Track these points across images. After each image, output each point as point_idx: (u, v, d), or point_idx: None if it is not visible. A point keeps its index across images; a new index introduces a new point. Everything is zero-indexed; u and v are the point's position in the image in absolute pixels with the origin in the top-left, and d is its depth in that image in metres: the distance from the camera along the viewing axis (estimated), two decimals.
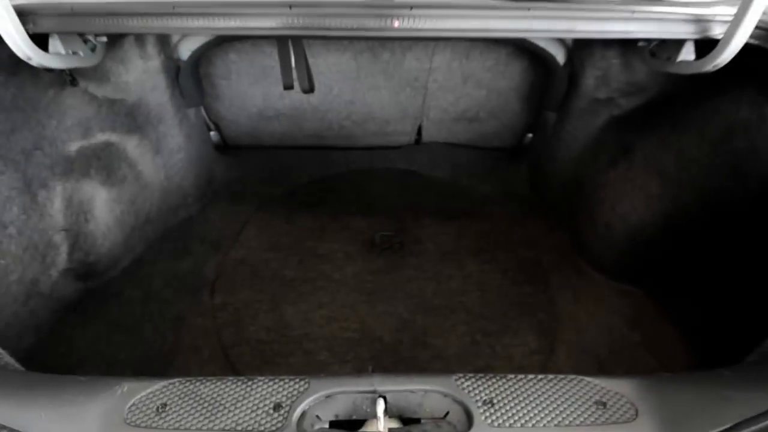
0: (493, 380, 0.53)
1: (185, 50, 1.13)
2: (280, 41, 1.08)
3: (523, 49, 1.20)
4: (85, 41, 0.89)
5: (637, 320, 1.04)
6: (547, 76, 1.23)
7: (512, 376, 0.53)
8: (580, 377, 0.54)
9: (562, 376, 0.54)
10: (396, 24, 0.76)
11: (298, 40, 1.06)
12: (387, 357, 0.97)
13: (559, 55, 1.14)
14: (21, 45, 0.75)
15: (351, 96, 1.35)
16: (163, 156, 1.19)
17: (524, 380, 0.53)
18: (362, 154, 1.52)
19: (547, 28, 0.80)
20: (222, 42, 1.12)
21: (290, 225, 1.26)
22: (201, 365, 0.95)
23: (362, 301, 1.08)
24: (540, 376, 0.54)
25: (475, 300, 1.08)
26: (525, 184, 1.43)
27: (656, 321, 1.03)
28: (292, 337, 1.01)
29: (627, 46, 1.04)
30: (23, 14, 0.75)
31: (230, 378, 0.54)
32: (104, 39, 0.93)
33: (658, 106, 1.09)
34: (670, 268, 1.06)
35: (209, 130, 1.45)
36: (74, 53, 0.87)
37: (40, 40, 0.80)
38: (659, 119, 1.06)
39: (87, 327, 1.00)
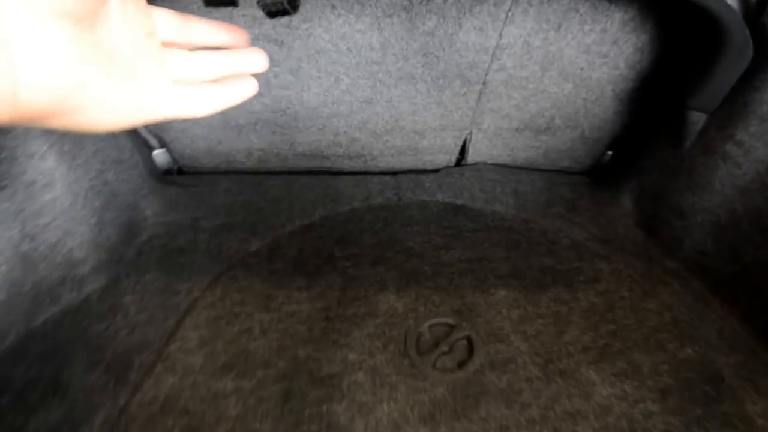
0: None
1: None
2: None
3: (657, 6, 0.74)
4: None
5: None
6: (702, 52, 0.77)
7: None
8: None
9: None
10: None
11: None
12: None
13: (735, 13, 0.68)
14: None
15: (369, 92, 0.87)
16: (16, 198, 0.67)
17: None
18: (383, 182, 1.02)
19: None
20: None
21: (270, 312, 0.75)
22: None
23: None
24: None
25: None
26: (630, 224, 0.96)
27: None
28: None
29: None
30: None
31: None
32: None
33: None
34: None
35: (148, 148, 0.95)
36: None
37: None
38: None
39: None
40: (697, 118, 0.82)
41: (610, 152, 1.06)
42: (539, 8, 0.75)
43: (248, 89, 0.36)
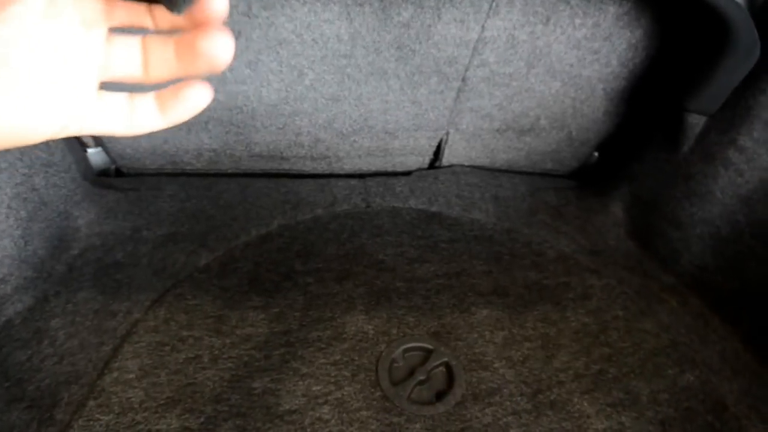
0: None
1: None
2: None
3: (651, 1, 0.69)
4: None
5: None
6: (703, 50, 0.71)
7: None
8: None
9: None
10: None
11: None
12: None
13: (740, 8, 0.63)
14: None
15: (336, 89, 0.79)
16: None
17: None
18: (350, 186, 0.95)
19: None
20: None
21: (222, 336, 0.67)
22: None
23: None
24: None
25: None
26: (621, 234, 0.90)
27: None
28: None
29: None
30: None
31: None
32: None
33: None
34: None
35: (82, 147, 0.86)
36: None
37: None
38: None
39: None
40: (696, 121, 0.77)
41: (596, 154, 1.00)
42: (526, 1, 0.68)
43: (199, 100, 0.28)
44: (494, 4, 0.69)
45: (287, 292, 0.72)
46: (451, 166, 1.00)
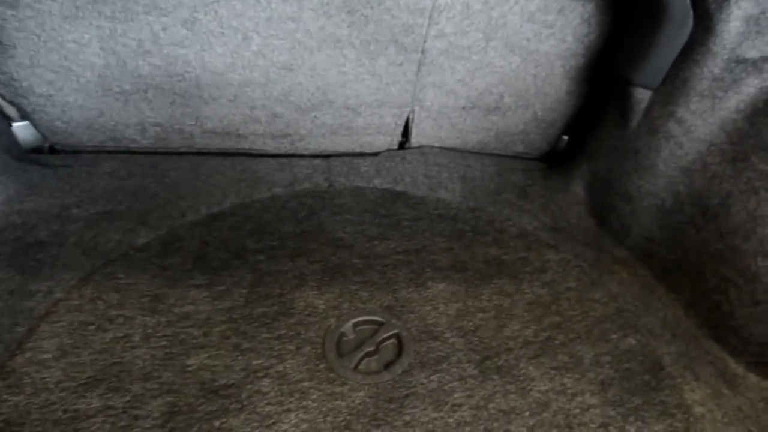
0: None
1: None
2: None
3: None
4: None
5: None
6: (643, 23, 0.76)
7: None
8: None
9: None
10: None
11: None
12: None
13: None
14: None
15: (288, 56, 0.79)
16: None
17: None
18: (313, 166, 0.94)
19: None
20: None
21: (157, 315, 0.64)
22: None
23: None
24: None
25: None
26: (582, 211, 0.94)
27: None
28: None
29: None
30: None
31: None
32: None
33: None
34: None
35: (6, 120, 0.81)
36: None
37: None
38: None
39: None
40: (642, 96, 0.81)
41: (565, 138, 1.04)
42: None
43: None
44: None
45: (235, 270, 0.70)
46: (420, 147, 1.02)
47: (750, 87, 0.70)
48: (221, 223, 0.79)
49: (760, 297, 0.65)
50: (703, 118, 0.74)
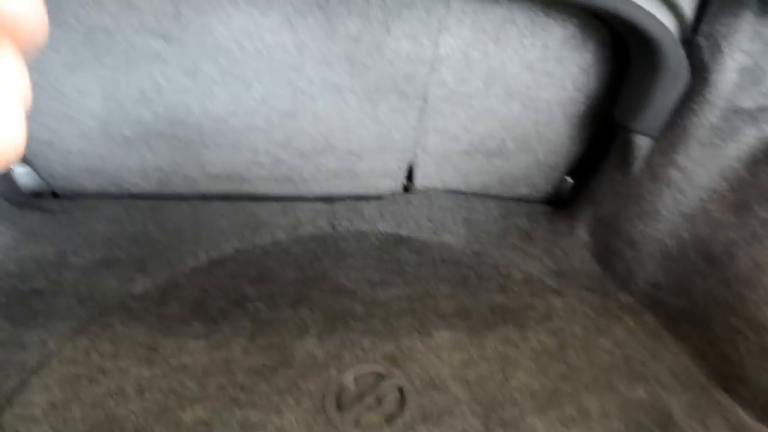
0: None
1: None
2: None
3: (595, 25, 0.76)
4: None
5: None
6: (641, 72, 0.79)
7: None
8: None
9: None
10: None
11: None
12: None
13: (668, 32, 0.71)
14: None
15: (290, 103, 0.81)
16: None
17: None
18: (316, 210, 0.95)
19: None
20: None
21: (153, 367, 0.63)
22: None
23: None
24: None
25: None
26: (586, 256, 0.94)
27: None
28: None
29: None
30: None
31: None
32: None
33: None
34: None
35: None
36: None
37: None
38: None
39: None
40: (643, 142, 0.83)
41: (570, 180, 1.06)
42: (474, 17, 0.74)
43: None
44: (444, 21, 0.74)
45: (234, 319, 0.70)
46: (425, 190, 1.03)
47: (748, 137, 0.71)
48: (222, 270, 0.79)
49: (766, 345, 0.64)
50: (703, 165, 0.76)
